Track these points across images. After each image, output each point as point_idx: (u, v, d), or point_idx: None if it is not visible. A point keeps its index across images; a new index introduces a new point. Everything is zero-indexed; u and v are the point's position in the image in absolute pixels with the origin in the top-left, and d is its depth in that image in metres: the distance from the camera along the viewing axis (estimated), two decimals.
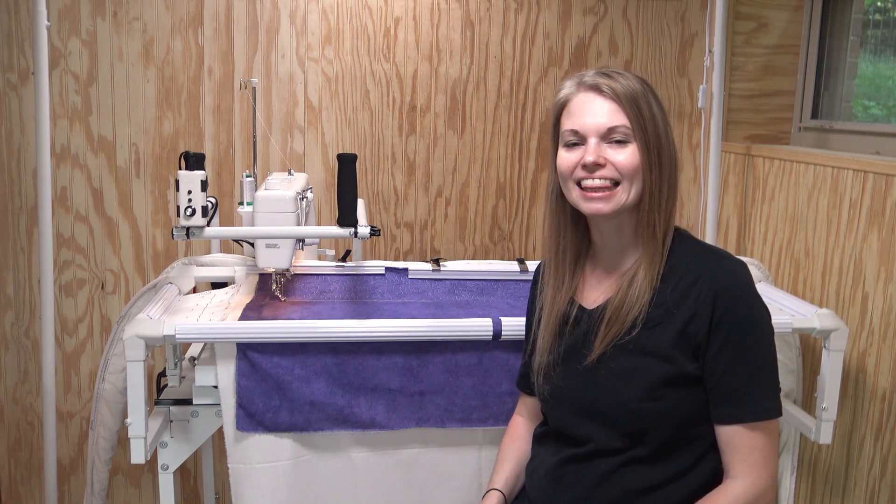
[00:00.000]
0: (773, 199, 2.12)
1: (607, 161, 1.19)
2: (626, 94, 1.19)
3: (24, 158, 2.17)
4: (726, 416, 1.18)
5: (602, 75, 1.22)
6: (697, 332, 1.18)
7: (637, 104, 1.19)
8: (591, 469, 1.25)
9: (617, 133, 1.19)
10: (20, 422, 2.30)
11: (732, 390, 1.17)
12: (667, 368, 1.18)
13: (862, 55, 2.19)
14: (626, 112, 1.19)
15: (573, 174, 1.22)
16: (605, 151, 1.20)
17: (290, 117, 2.26)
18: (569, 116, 1.23)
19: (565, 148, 1.23)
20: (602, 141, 1.20)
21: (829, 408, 1.60)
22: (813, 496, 1.96)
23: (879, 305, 1.74)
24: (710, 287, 1.18)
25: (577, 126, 1.21)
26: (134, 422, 1.45)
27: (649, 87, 1.23)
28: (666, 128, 1.22)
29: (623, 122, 1.19)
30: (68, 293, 2.25)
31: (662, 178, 1.21)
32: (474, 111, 2.32)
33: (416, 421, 1.56)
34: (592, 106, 1.20)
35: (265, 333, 1.49)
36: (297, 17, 2.22)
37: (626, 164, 1.19)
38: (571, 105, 1.23)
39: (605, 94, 1.20)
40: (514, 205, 2.38)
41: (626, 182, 1.19)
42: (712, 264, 1.21)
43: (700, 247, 1.27)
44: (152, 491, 2.36)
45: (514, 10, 2.29)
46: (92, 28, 2.15)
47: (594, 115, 1.20)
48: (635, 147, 1.19)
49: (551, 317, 1.31)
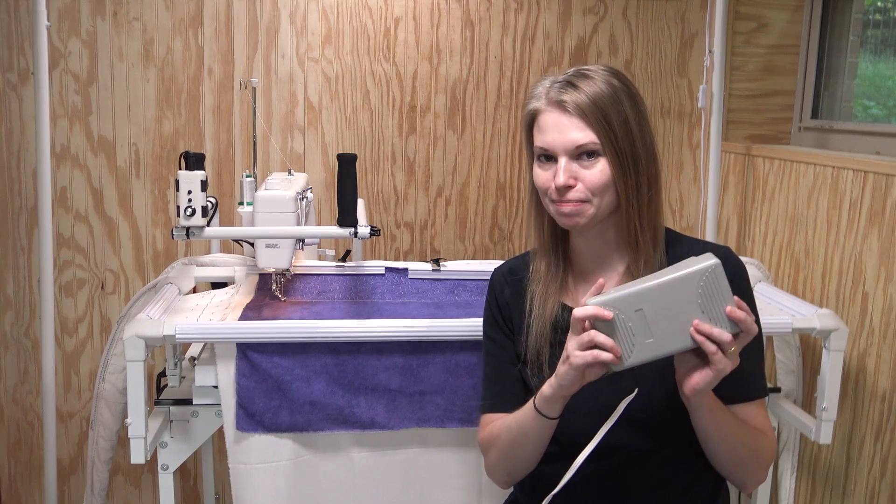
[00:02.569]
0: (773, 199, 2.12)
1: (577, 181, 1.18)
2: (592, 107, 1.17)
3: (24, 158, 2.17)
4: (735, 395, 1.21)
5: (567, 86, 1.19)
6: None
7: (605, 114, 1.17)
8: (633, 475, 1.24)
9: (586, 149, 1.18)
10: (20, 422, 2.30)
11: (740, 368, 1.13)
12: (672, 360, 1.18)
13: (862, 55, 2.19)
14: (592, 127, 1.17)
15: (548, 192, 1.22)
16: (574, 170, 1.19)
17: (290, 117, 2.26)
18: (539, 131, 1.22)
19: (538, 162, 1.23)
20: (571, 158, 1.19)
21: (829, 408, 1.60)
22: (813, 496, 1.96)
23: (879, 305, 1.74)
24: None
25: (545, 144, 1.21)
26: (134, 422, 1.45)
27: (622, 82, 1.21)
28: (642, 129, 1.20)
29: (590, 138, 1.17)
30: (68, 293, 2.25)
31: (640, 182, 1.20)
32: (474, 111, 2.32)
33: (416, 421, 1.56)
34: (559, 124, 1.19)
35: (265, 333, 1.49)
36: (297, 17, 2.22)
37: (595, 182, 1.18)
38: (540, 120, 1.22)
39: (569, 111, 1.18)
40: (514, 205, 2.38)
41: (597, 198, 1.19)
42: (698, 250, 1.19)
43: (692, 242, 1.29)
44: (152, 491, 2.36)
45: (514, 10, 2.29)
46: (92, 28, 2.15)
47: (561, 133, 1.18)
48: (605, 161, 1.18)
49: (542, 321, 1.27)
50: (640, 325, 1.07)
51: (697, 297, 1.06)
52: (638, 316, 1.07)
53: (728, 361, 1.06)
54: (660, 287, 1.07)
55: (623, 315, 1.08)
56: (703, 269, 1.06)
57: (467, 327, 1.53)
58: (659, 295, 1.07)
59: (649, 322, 1.07)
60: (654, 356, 1.08)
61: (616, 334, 1.08)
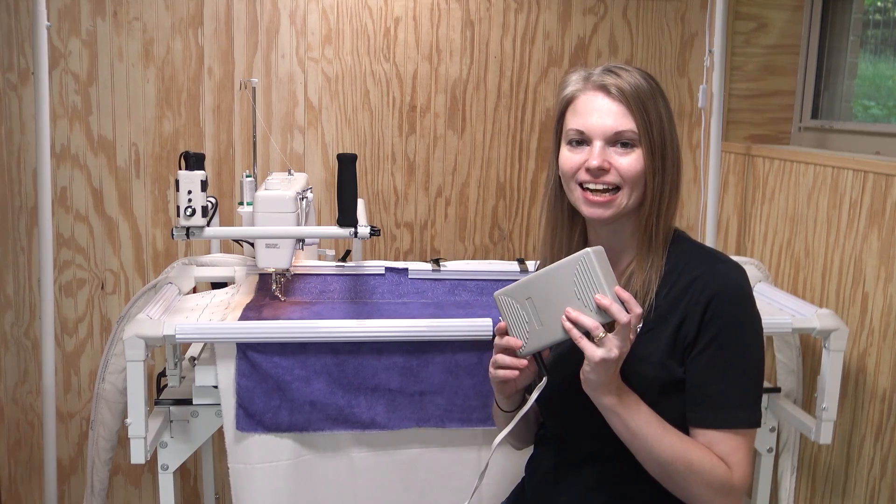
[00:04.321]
0: (773, 199, 2.12)
1: (612, 166, 1.17)
2: (634, 96, 1.16)
3: (24, 158, 2.17)
4: (698, 419, 1.15)
5: (610, 73, 1.18)
6: (687, 335, 1.15)
7: (645, 106, 1.16)
8: (587, 472, 1.24)
9: (623, 137, 1.17)
10: (20, 422, 2.30)
11: (708, 393, 1.13)
12: (661, 374, 1.16)
13: (862, 55, 2.19)
14: (633, 115, 1.16)
15: (576, 175, 1.19)
16: (609, 156, 1.17)
17: (290, 117, 2.26)
18: (574, 114, 1.20)
19: (569, 146, 1.21)
20: (607, 144, 1.17)
21: (829, 408, 1.60)
22: (813, 496, 1.96)
23: (879, 305, 1.74)
24: (703, 290, 1.15)
25: (582, 126, 1.18)
26: (134, 422, 1.45)
27: (656, 84, 1.20)
28: (671, 130, 1.19)
29: (630, 126, 1.16)
30: (68, 293, 2.25)
31: (665, 183, 1.18)
32: (474, 111, 2.32)
33: (416, 421, 1.56)
34: (599, 107, 1.17)
35: (265, 333, 1.49)
36: (297, 17, 2.22)
37: (630, 170, 1.16)
38: (577, 103, 1.20)
39: (613, 95, 1.17)
40: (514, 205, 2.38)
41: (628, 187, 1.17)
42: (707, 268, 1.18)
43: (696, 249, 1.24)
44: (152, 491, 2.36)
45: (514, 10, 2.29)
46: (92, 28, 2.15)
47: (601, 117, 1.17)
48: (640, 152, 1.17)
49: None
50: (532, 313, 1.13)
51: (573, 284, 1.08)
52: (529, 304, 1.13)
53: (598, 350, 1.06)
54: (543, 276, 1.12)
55: (517, 304, 1.14)
56: (576, 258, 1.09)
57: (467, 327, 1.53)
58: (543, 284, 1.12)
59: (538, 310, 1.12)
60: (547, 343, 1.13)
61: (514, 323, 1.15)
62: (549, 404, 1.29)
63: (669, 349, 1.16)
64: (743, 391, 1.15)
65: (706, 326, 1.14)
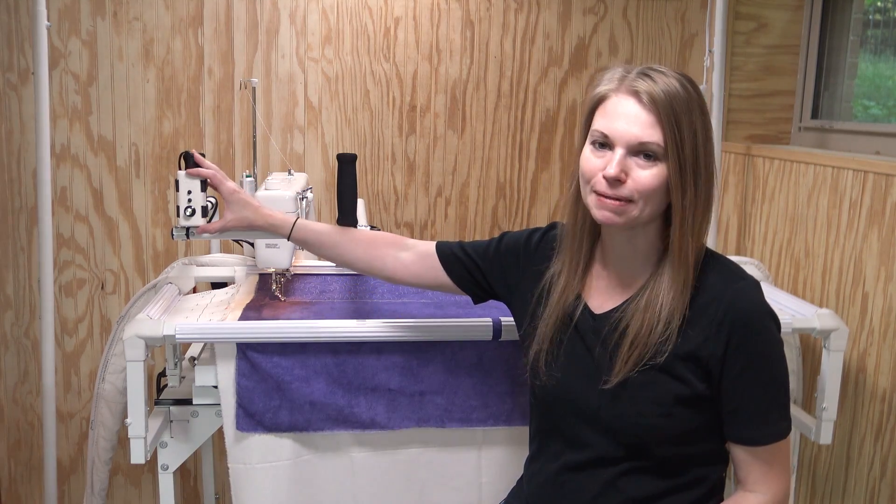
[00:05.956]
0: (773, 199, 2.12)
1: (628, 177, 1.12)
2: (666, 105, 1.09)
3: (24, 158, 2.17)
4: (746, 437, 1.17)
5: (645, 77, 1.12)
6: (711, 356, 1.14)
7: (676, 118, 1.09)
8: (593, 477, 1.23)
9: (647, 149, 1.11)
10: (20, 422, 2.30)
11: (751, 414, 1.15)
12: (678, 387, 1.15)
13: (862, 55, 2.19)
14: (661, 127, 1.09)
15: (592, 180, 1.15)
16: (629, 166, 1.12)
17: (290, 117, 2.26)
18: (603, 115, 1.15)
19: (592, 147, 1.16)
20: (630, 154, 1.12)
21: (829, 408, 1.60)
22: (813, 496, 1.96)
23: (879, 305, 1.74)
24: (724, 311, 1.13)
25: (607, 130, 1.13)
26: (134, 422, 1.45)
27: (696, 92, 1.14)
28: (706, 144, 1.13)
29: (656, 138, 1.10)
30: (68, 293, 2.25)
31: (698, 198, 1.12)
32: (474, 111, 2.32)
33: (416, 421, 1.56)
34: (627, 112, 1.11)
35: (265, 333, 1.49)
36: (297, 17, 2.22)
37: (647, 185, 1.11)
38: (608, 104, 1.15)
39: (643, 102, 1.10)
40: (514, 205, 2.38)
41: (641, 202, 1.12)
42: (727, 286, 1.16)
43: (716, 264, 1.20)
44: (152, 491, 2.36)
45: (514, 10, 2.29)
46: (92, 28, 2.15)
47: (627, 124, 1.11)
48: (664, 167, 1.11)
49: (558, 306, 1.25)
50: None
51: None
52: None
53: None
54: None
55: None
56: None
57: (467, 327, 1.53)
58: None
59: None
60: None
61: None
62: (553, 406, 1.28)
63: (687, 362, 1.15)
64: (781, 405, 1.17)
65: (736, 351, 1.13)
